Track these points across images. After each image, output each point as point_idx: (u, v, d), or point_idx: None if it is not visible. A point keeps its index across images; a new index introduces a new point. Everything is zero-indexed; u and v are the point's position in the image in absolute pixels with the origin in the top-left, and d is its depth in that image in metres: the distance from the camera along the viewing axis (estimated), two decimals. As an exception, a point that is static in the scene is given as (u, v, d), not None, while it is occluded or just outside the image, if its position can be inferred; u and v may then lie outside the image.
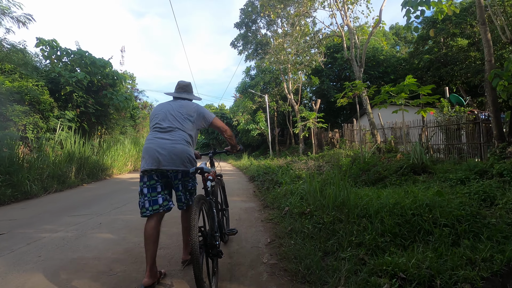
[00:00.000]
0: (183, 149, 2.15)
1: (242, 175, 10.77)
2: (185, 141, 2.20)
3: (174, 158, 2.10)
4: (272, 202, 4.24)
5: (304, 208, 3.33)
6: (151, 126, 2.30)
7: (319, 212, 3.09)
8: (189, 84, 2.51)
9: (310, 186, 3.67)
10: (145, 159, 2.15)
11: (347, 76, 25.17)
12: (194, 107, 2.32)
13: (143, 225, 2.20)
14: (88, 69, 11.50)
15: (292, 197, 3.89)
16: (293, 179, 5.76)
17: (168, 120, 2.22)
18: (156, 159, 2.08)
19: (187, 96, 2.42)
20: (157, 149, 2.10)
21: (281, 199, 4.10)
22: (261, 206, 4.32)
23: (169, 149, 2.10)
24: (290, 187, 4.49)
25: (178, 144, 2.14)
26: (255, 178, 7.96)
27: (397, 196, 3.54)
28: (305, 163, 11.85)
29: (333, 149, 14.44)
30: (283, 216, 3.32)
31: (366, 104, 9.82)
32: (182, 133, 2.21)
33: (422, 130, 9.76)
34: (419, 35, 21.87)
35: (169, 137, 2.16)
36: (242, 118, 23.44)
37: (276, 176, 6.74)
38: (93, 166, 10.20)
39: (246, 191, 6.23)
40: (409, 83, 7.69)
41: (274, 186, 5.35)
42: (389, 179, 6.48)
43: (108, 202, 5.58)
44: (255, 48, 19.00)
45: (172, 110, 2.27)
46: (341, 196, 3.22)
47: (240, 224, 3.47)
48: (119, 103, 11.71)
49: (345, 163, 9.50)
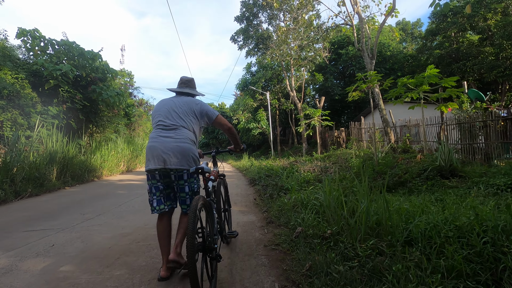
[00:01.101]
0: (188, 148, 2.09)
1: (241, 177, 9.87)
2: (190, 140, 2.14)
3: (179, 157, 2.05)
4: (277, 215, 3.33)
5: (324, 229, 2.43)
6: (154, 123, 2.22)
7: (347, 237, 2.18)
8: (192, 80, 2.43)
9: (329, 196, 2.76)
10: (149, 158, 2.09)
11: (352, 73, 24.23)
12: (197, 104, 2.25)
13: (105, 250, 2.18)
14: (75, 62, 10.61)
15: (305, 211, 2.98)
16: (301, 184, 4.87)
17: (172, 117, 2.15)
18: (161, 158, 2.03)
19: (190, 91, 2.35)
20: (162, 148, 2.04)
21: (289, 212, 3.20)
22: (263, 220, 3.43)
23: (174, 148, 2.04)
24: (300, 195, 3.59)
25: (183, 143, 2.08)
26: (256, 181, 7.06)
27: (446, 212, 2.63)
28: (310, 163, 10.94)
29: (339, 149, 13.52)
30: (295, 241, 2.41)
31: (378, 99, 8.92)
32: (186, 131, 2.14)
33: (440, 128, 8.85)
34: (427, 30, 20.92)
35: (174, 135, 2.09)
36: (242, 117, 22.50)
37: (280, 179, 5.84)
38: (79, 167, 9.31)
39: (245, 197, 5.32)
40: (430, 75, 6.77)
41: (279, 193, 4.45)
42: (412, 183, 5.58)
43: (82, 210, 4.70)
44: (256, 43, 18.07)
45: (176, 106, 2.20)
46: (376, 212, 2.31)
47: (236, 249, 2.58)
48: (109, 99, 10.82)
49: (356, 165, 8.59)
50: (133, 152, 14.81)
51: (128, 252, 2.55)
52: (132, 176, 11.24)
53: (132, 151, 14.71)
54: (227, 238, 2.63)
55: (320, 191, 3.74)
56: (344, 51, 22.85)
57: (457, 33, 18.96)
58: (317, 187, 4.48)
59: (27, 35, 9.76)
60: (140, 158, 15.98)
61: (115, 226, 3.55)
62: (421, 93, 7.31)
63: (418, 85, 7.27)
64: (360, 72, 22.10)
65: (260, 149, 27.58)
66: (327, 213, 2.66)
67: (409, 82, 7.26)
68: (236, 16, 18.96)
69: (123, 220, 3.83)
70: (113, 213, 4.41)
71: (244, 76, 24.02)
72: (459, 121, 8.27)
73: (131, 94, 17.45)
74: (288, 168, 7.19)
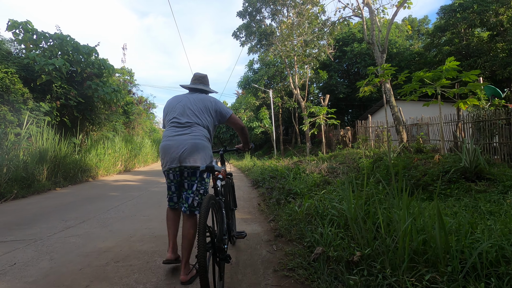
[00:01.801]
0: (204, 145, 2.05)
1: (243, 178, 9.33)
2: (205, 137, 2.10)
3: (195, 155, 2.00)
4: (287, 227, 2.78)
5: (351, 250, 1.89)
6: (167, 120, 2.16)
7: (384, 263, 1.64)
8: (205, 76, 2.39)
9: (355, 205, 2.21)
10: (164, 158, 2.04)
11: (357, 71, 23.63)
12: (212, 101, 2.22)
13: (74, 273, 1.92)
14: (70, 57, 10.12)
15: (322, 223, 2.42)
16: (311, 188, 4.32)
17: (187, 114, 2.11)
18: (177, 157, 1.99)
19: (203, 87, 2.31)
20: (177, 146, 2.00)
21: (302, 223, 2.66)
22: (270, 232, 2.88)
23: (190, 145, 2.00)
24: (313, 202, 3.04)
25: (198, 139, 2.04)
26: (259, 183, 6.52)
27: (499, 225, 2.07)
28: (316, 164, 10.39)
29: (345, 148, 12.94)
30: (314, 266, 1.86)
31: (390, 95, 8.34)
32: (202, 128, 2.10)
33: (457, 126, 8.27)
34: (436, 25, 20.26)
35: (189, 132, 2.05)
36: (244, 115, 21.95)
37: (286, 182, 5.30)
38: (72, 167, 8.82)
39: (249, 202, 4.79)
40: (449, 68, 6.20)
41: (287, 198, 3.90)
42: (433, 187, 5.02)
43: (65, 215, 4.19)
44: (259, 39, 17.49)
45: (190, 104, 2.15)
46: (421, 229, 1.76)
47: (238, 273, 2.04)
48: (105, 95, 10.31)
49: (366, 165, 8.04)
50: (131, 151, 14.33)
51: (102, 277, 2.02)
52: (129, 177, 10.74)
53: (130, 150, 14.23)
54: (235, 239, 2.60)
55: (336, 196, 3.19)
56: (349, 48, 22.23)
57: (467, 29, 18.31)
58: (329, 190, 3.93)
59: (18, 27, 9.27)
60: (139, 158, 15.50)
61: (96, 237, 3.03)
62: (438, 88, 6.73)
63: (436, 79, 6.70)
64: (367, 70, 21.52)
65: (262, 149, 27.02)
66: (353, 228, 2.11)
67: (425, 76, 6.69)
68: (238, 11, 18.42)
69: (107, 230, 3.31)
70: (99, 219, 3.89)
71: (246, 73, 23.48)
72: (478, 118, 7.68)
73: (129, 91, 16.95)
74: (294, 169, 6.64)
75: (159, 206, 4.75)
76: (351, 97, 23.02)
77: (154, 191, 6.76)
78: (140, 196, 5.98)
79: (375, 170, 7.74)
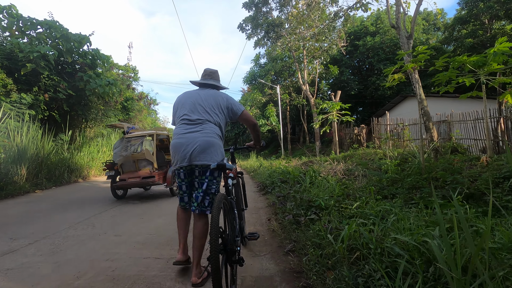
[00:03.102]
0: (215, 143, 1.98)
1: (249, 180, 8.30)
2: (216, 135, 2.02)
3: (207, 152, 1.93)
4: (318, 270, 1.73)
5: None
6: (178, 117, 2.08)
7: None
8: (216, 72, 2.31)
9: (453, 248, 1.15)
10: (175, 156, 1.98)
11: (370, 67, 22.34)
12: (223, 97, 2.14)
13: None
14: (60, 45, 9.21)
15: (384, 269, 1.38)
16: (339, 199, 3.25)
17: (198, 111, 2.03)
18: (187, 155, 1.92)
19: (214, 82, 2.22)
20: (188, 143, 1.93)
21: (344, 266, 1.61)
22: (290, 276, 1.82)
23: (201, 143, 1.93)
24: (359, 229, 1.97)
25: (210, 137, 1.96)
26: (267, 188, 5.48)
27: None
28: (330, 165, 9.31)
29: (360, 147, 11.80)
30: None
31: (418, 86, 7.20)
32: (213, 125, 2.03)
33: (498, 123, 7.10)
34: (456, 17, 18.89)
35: (200, 129, 1.97)
36: (250, 113, 20.94)
37: (302, 188, 4.25)
38: (57, 166, 7.92)
39: (255, 214, 3.76)
40: (499, 50, 5.06)
41: (308, 214, 2.83)
42: (487, 196, 3.93)
43: (19, 231, 3.24)
44: (266, 31, 16.39)
45: (201, 100, 2.07)
46: None
47: None
48: (97, 88, 9.39)
49: (391, 168, 6.94)
50: (129, 150, 13.43)
51: None
52: (124, 177, 9.80)
53: (128, 148, 13.34)
54: (247, 240, 2.52)
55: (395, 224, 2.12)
56: (362, 42, 21.00)
57: (491, 20, 16.94)
58: (373, 208, 2.86)
59: (2, 11, 8.41)
60: (137, 156, 14.61)
61: (26, 277, 2.03)
62: (482, 76, 5.58)
63: (480, 65, 5.54)
64: (381, 65, 20.17)
65: (268, 148, 25.95)
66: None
67: (468, 61, 5.53)
68: (244, 2, 17.36)
69: (51, 262, 2.31)
70: (54, 240, 2.91)
71: (252, 68, 22.37)
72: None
73: (129, 86, 16.06)
74: (308, 172, 5.58)
75: (141, 219, 3.75)
76: (363, 94, 21.79)
77: (144, 195, 5.78)
78: (125, 203, 5.00)
79: (401, 173, 6.65)
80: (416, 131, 10.81)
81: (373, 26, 21.93)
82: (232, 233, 1.70)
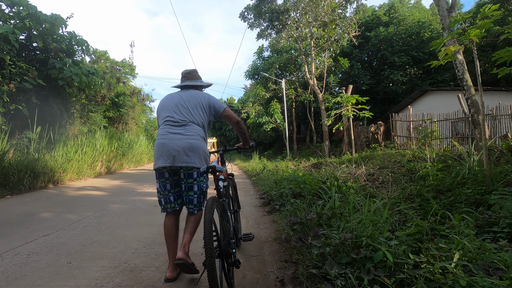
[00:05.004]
0: (199, 145, 2.01)
1: (249, 187, 6.82)
2: (200, 136, 2.05)
3: (189, 154, 1.95)
4: None
5: None
6: (161, 119, 2.10)
7: None
8: (193, 71, 2.31)
9: None
10: (157, 156, 1.99)
11: (382, 60, 20.69)
12: (204, 97, 2.16)
13: None
14: (29, 26, 7.81)
15: None
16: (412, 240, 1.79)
17: (180, 112, 2.06)
18: (170, 156, 1.94)
19: (190, 83, 2.23)
20: (171, 145, 1.95)
21: None
22: None
23: (184, 145, 1.95)
24: None
25: (193, 139, 1.99)
26: (274, 203, 4.00)
27: None
28: (347, 168, 7.80)
29: (378, 147, 10.24)
30: None
31: (463, 70, 5.68)
32: (196, 127, 2.05)
33: None
34: (479, 4, 17.22)
35: (183, 131, 2.00)
36: (252, 110, 19.35)
37: (328, 208, 2.77)
38: (17, 170, 6.51)
39: (255, 251, 2.30)
40: None
41: (367, 283, 1.43)
42: None
43: None
44: (270, 18, 14.87)
45: (183, 101, 2.10)
46: None
47: None
48: (72, 77, 7.98)
49: (432, 173, 5.42)
50: (117, 150, 12.04)
51: None
52: (105, 182, 8.39)
53: (116, 148, 11.94)
54: (242, 241, 2.53)
55: None
56: (373, 33, 19.39)
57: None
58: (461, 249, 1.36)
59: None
60: (128, 157, 13.21)
61: None
62: None
63: None
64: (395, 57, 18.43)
65: (272, 148, 24.43)
66: None
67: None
68: (246, -11, 15.88)
69: None
70: None
71: (255, 62, 20.79)
72: None
73: (119, 80, 14.65)
74: (330, 181, 4.09)
75: (69, 263, 2.29)
76: (374, 90, 20.18)
77: (111, 211, 4.33)
78: (81, 222, 3.57)
79: (449, 181, 5.13)
80: (446, 128, 9.25)
81: (386, 16, 20.30)
82: (226, 236, 1.72)
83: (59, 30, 8.48)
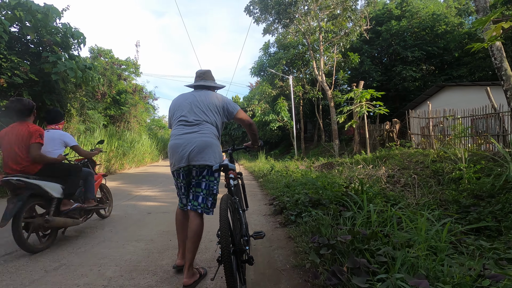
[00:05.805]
0: (213, 143, 1.99)
1: (256, 190, 6.17)
2: (214, 135, 2.04)
3: (205, 152, 1.93)
4: None
5: None
6: (175, 119, 2.08)
7: None
8: (207, 71, 2.29)
9: None
10: (172, 157, 1.98)
11: (393, 56, 19.79)
12: (218, 98, 2.15)
13: None
14: (21, 17, 7.30)
15: None
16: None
17: (194, 112, 2.04)
18: (185, 155, 1.92)
19: (205, 83, 2.21)
20: (186, 144, 1.93)
21: None
22: None
23: (200, 143, 1.93)
24: None
25: (208, 137, 1.97)
26: (286, 210, 3.35)
27: None
28: (364, 169, 7.10)
29: (394, 146, 9.48)
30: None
31: (501, 58, 4.95)
32: (210, 126, 2.04)
33: None
34: (498, -5, 16.25)
35: (198, 130, 1.98)
36: (258, 107, 18.68)
37: (360, 222, 2.12)
38: None
39: (271, 283, 1.69)
40: None
41: None
42: None
43: None
44: (277, 11, 14.18)
45: (197, 101, 2.08)
46: None
47: None
48: (66, 72, 7.46)
49: (468, 177, 4.71)
50: (118, 149, 11.52)
51: None
52: (100, 183, 7.82)
53: (117, 147, 11.43)
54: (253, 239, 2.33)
55: None
56: (385, 28, 18.54)
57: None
58: None
59: None
60: (129, 157, 12.68)
61: None
62: None
63: None
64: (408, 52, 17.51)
65: (279, 147, 23.74)
66: None
67: None
68: (252, -19, 15.23)
69: None
70: None
71: (261, 58, 20.10)
72: None
73: (120, 77, 14.14)
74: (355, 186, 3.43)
75: None
76: (385, 87, 19.32)
77: (95, 220, 3.73)
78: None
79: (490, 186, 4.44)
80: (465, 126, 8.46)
81: (397, 9, 19.41)
82: (239, 233, 1.72)
83: (53, 22, 7.96)
